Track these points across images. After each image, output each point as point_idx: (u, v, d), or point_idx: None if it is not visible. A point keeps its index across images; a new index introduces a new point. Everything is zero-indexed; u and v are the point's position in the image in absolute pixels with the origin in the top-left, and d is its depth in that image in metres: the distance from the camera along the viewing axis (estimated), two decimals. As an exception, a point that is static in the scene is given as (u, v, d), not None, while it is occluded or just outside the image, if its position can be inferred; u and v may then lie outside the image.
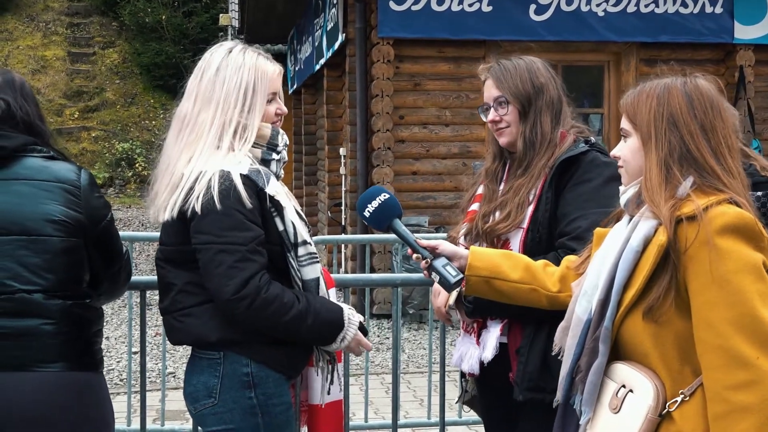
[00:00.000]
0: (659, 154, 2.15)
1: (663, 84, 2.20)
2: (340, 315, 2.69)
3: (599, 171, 2.81)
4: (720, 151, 2.13)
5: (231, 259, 2.52)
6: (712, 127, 2.13)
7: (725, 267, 2.00)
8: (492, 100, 2.96)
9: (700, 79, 2.21)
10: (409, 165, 9.91)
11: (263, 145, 2.70)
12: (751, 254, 2.02)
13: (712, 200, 2.07)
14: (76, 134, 21.24)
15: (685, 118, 2.14)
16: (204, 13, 22.84)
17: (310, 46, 13.20)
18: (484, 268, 2.56)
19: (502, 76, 2.95)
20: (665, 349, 2.09)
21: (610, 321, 2.14)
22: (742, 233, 2.03)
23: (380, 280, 3.92)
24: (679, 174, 2.12)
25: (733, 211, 2.05)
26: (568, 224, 2.75)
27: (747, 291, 1.99)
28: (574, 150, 2.85)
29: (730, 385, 1.96)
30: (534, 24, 9.72)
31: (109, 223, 2.74)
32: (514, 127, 2.93)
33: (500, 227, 2.84)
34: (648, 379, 2.08)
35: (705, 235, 2.02)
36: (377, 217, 2.64)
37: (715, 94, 2.18)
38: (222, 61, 2.70)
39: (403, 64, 9.82)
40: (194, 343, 2.68)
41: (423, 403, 6.30)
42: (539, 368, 2.74)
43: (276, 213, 2.62)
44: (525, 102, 2.91)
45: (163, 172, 2.69)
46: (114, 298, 3.00)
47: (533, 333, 2.78)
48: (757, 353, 1.96)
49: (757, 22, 10.06)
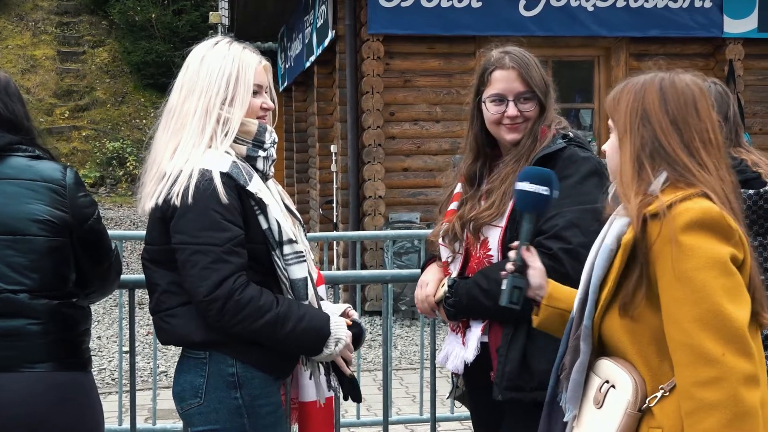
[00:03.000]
0: (632, 149, 2.15)
1: (642, 80, 2.20)
2: (326, 322, 2.64)
3: (576, 167, 2.77)
4: (693, 146, 2.12)
5: (205, 260, 2.49)
6: (684, 122, 2.13)
7: (688, 264, 2.00)
8: (513, 93, 2.84)
9: (682, 75, 2.20)
10: (400, 161, 9.91)
11: (248, 142, 2.67)
12: (717, 249, 2.01)
13: (679, 195, 2.06)
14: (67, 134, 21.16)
15: (657, 113, 2.14)
16: (194, 11, 22.76)
17: (300, 44, 13.18)
18: (562, 301, 2.46)
19: (527, 68, 2.85)
20: (643, 345, 2.10)
21: (589, 319, 2.16)
22: (708, 228, 2.02)
23: (370, 276, 3.91)
24: (651, 169, 2.12)
25: (698, 206, 2.03)
26: (545, 222, 2.70)
27: (711, 287, 1.98)
28: (551, 147, 2.81)
29: (696, 382, 1.96)
30: (524, 19, 9.72)
31: (96, 222, 2.73)
32: (529, 123, 2.85)
33: (484, 215, 2.80)
34: (628, 375, 2.08)
35: (668, 232, 2.02)
36: (522, 198, 2.47)
37: (693, 90, 2.17)
38: (207, 53, 2.70)
39: (393, 60, 9.81)
40: (180, 344, 2.67)
41: (416, 400, 6.30)
42: (518, 368, 2.72)
43: (259, 211, 2.59)
44: (544, 99, 2.86)
45: (150, 164, 2.69)
46: (104, 296, 2.98)
47: (512, 332, 2.76)
48: (723, 350, 1.95)
49: (746, 16, 10.08)
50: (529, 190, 2.44)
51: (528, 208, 2.46)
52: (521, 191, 2.46)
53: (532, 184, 2.44)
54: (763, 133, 10.32)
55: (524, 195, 2.45)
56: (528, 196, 2.45)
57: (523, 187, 2.45)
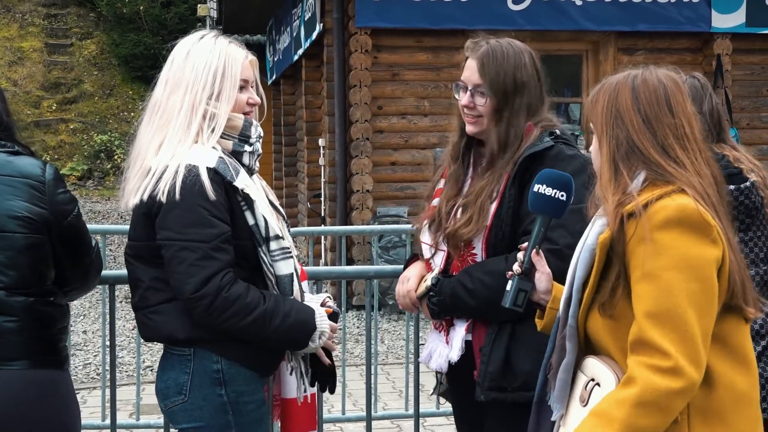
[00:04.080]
0: (608, 150, 2.15)
1: (615, 80, 2.20)
2: (312, 316, 2.64)
3: (562, 166, 2.70)
4: (667, 143, 2.11)
5: (192, 257, 2.47)
6: (657, 120, 2.12)
7: (658, 263, 1.99)
8: (471, 84, 2.83)
9: (655, 70, 2.19)
10: (388, 155, 9.88)
11: (234, 137, 2.65)
12: (693, 250, 2.00)
13: (656, 194, 2.05)
14: (54, 126, 21.05)
15: (629, 112, 2.14)
16: (182, 3, 22.65)
17: (288, 37, 13.14)
18: None
19: (487, 62, 2.81)
20: (624, 344, 2.08)
21: (574, 319, 2.16)
22: (686, 225, 2.01)
23: (353, 272, 3.89)
24: (627, 170, 2.11)
25: (675, 203, 2.02)
26: (532, 222, 2.65)
27: (676, 289, 1.98)
28: (538, 145, 2.77)
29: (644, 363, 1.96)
30: (512, 13, 9.70)
31: (76, 218, 2.69)
32: (486, 119, 2.82)
33: (463, 232, 2.77)
34: (611, 372, 2.08)
35: (642, 231, 2.01)
36: (540, 200, 2.37)
37: (666, 85, 2.16)
38: (192, 47, 2.68)
39: (381, 54, 9.78)
40: (164, 341, 2.65)
41: (402, 395, 6.29)
42: (501, 368, 2.71)
43: (246, 207, 2.58)
44: (502, 98, 2.80)
45: (134, 159, 2.66)
46: (84, 294, 2.96)
47: (496, 332, 2.75)
48: (675, 350, 1.95)
49: (734, 11, 10.08)
50: (547, 194, 2.35)
51: (544, 211, 2.37)
52: (538, 194, 2.36)
53: (551, 188, 2.35)
54: (751, 128, 10.33)
55: (541, 198, 2.37)
56: (544, 200, 2.36)
57: (542, 191, 2.36)
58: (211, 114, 2.60)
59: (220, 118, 2.61)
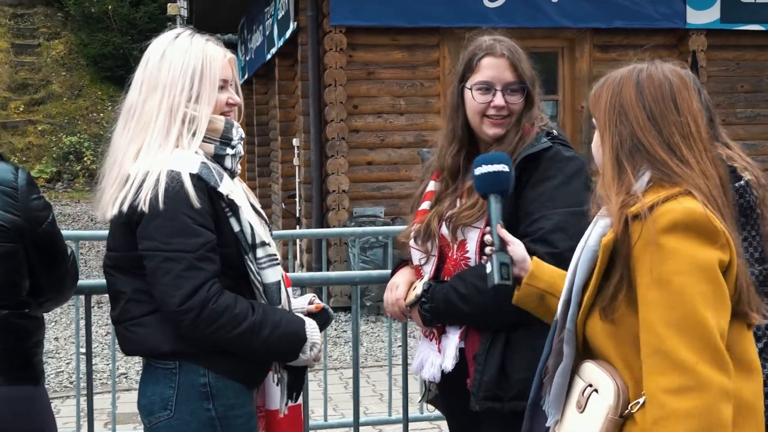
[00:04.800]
0: (611, 147, 2.08)
1: (620, 75, 2.12)
2: (302, 326, 2.54)
3: (561, 167, 2.66)
4: (673, 141, 2.04)
5: (178, 268, 2.36)
6: (662, 117, 2.05)
7: (667, 267, 1.92)
8: (503, 83, 2.69)
9: (660, 65, 2.12)
10: (364, 155, 9.79)
11: (216, 140, 2.54)
12: (700, 253, 1.93)
13: (661, 196, 1.98)
14: (22, 128, 20.78)
15: (634, 108, 2.06)
16: (152, 2, 22.48)
17: (260, 35, 13.01)
18: (543, 281, 2.41)
19: (518, 58, 2.70)
20: (625, 350, 2.03)
21: (572, 322, 2.10)
22: (692, 230, 1.94)
23: (337, 278, 3.80)
24: (631, 168, 2.04)
25: (681, 207, 1.95)
26: (531, 224, 2.60)
27: (689, 293, 1.91)
28: (536, 146, 2.68)
29: (666, 389, 1.89)
30: (488, 10, 9.64)
31: (51, 226, 2.57)
32: (514, 117, 2.71)
33: (465, 215, 2.67)
34: (611, 379, 2.02)
35: (649, 234, 1.94)
36: (484, 181, 2.46)
37: (672, 81, 2.08)
38: (168, 47, 2.56)
39: (356, 52, 9.68)
40: (148, 355, 2.53)
41: (383, 398, 6.20)
42: (496, 376, 2.62)
43: (231, 213, 2.47)
44: (532, 93, 2.72)
45: (110, 167, 2.53)
46: (59, 304, 2.83)
47: (490, 339, 2.66)
48: (696, 358, 1.88)
49: (709, 7, 10.10)
50: (490, 171, 2.45)
51: (494, 188, 2.45)
52: (482, 175, 2.46)
53: (490, 165, 2.46)
54: (726, 124, 10.31)
55: (486, 177, 2.46)
56: (488, 177, 2.45)
57: (483, 171, 2.46)
58: (191, 117, 2.49)
59: (201, 121, 2.50)
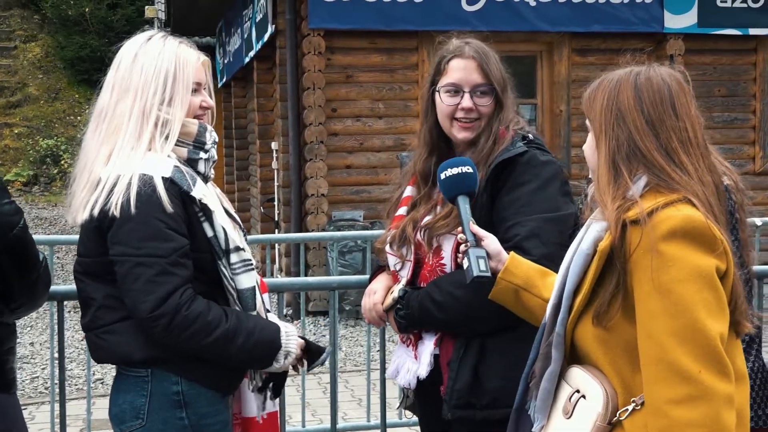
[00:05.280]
0: (607, 151, 2.05)
1: (616, 77, 2.09)
2: (277, 334, 2.50)
3: (536, 172, 2.63)
4: (671, 146, 2.01)
5: (150, 273, 2.32)
6: (660, 122, 2.02)
7: (668, 275, 1.90)
8: (470, 85, 2.67)
9: (658, 69, 2.10)
10: (343, 159, 9.75)
11: (189, 143, 2.50)
12: (700, 260, 1.91)
13: (660, 201, 1.95)
14: (-2, 131, 20.58)
15: (632, 112, 2.03)
16: (129, 5, 22.33)
17: (239, 39, 12.95)
18: (519, 277, 2.39)
19: (487, 60, 2.68)
20: (615, 356, 2.00)
21: (562, 326, 2.06)
22: (691, 237, 1.92)
23: (316, 283, 3.76)
24: (628, 172, 2.01)
25: (681, 214, 1.93)
26: (506, 231, 2.58)
27: (690, 301, 1.89)
28: (511, 150, 2.65)
29: (670, 400, 1.87)
30: (466, 14, 9.64)
31: (22, 231, 2.52)
32: (484, 120, 2.69)
33: (440, 225, 2.65)
34: (599, 385, 1.99)
35: (648, 241, 1.91)
36: (449, 185, 2.48)
37: (671, 85, 2.06)
38: (140, 49, 2.52)
39: (335, 55, 9.64)
40: (119, 362, 2.48)
41: (362, 403, 6.17)
42: (469, 384, 2.60)
43: (204, 218, 2.43)
44: (502, 95, 2.68)
45: (81, 171, 2.49)
46: (32, 310, 2.78)
47: (464, 346, 2.63)
48: (699, 367, 1.86)
49: (686, 11, 10.14)
50: (453, 173, 2.47)
51: (460, 189, 2.47)
52: (447, 178, 2.47)
53: (454, 168, 2.47)
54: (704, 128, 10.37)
55: (451, 180, 2.47)
56: (454, 180, 2.47)
57: (448, 174, 2.47)
58: (164, 120, 2.45)
59: (174, 124, 2.46)
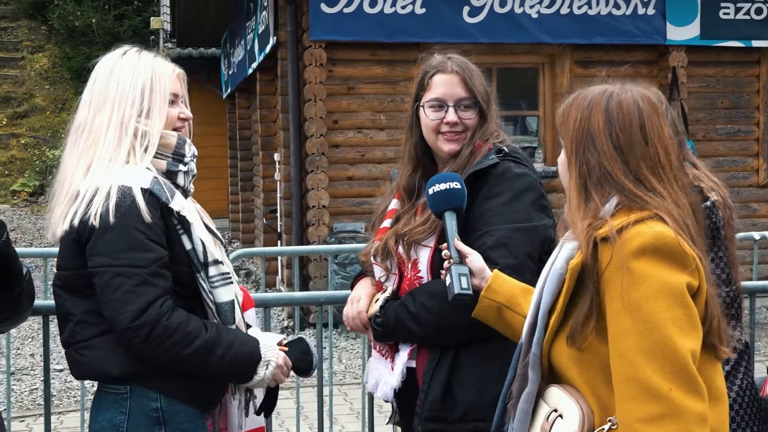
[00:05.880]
0: (578, 175, 2.04)
1: (589, 97, 2.07)
2: (256, 347, 2.50)
3: (509, 184, 2.63)
4: (641, 173, 2.00)
5: (129, 284, 2.31)
6: (629, 148, 2.00)
7: (638, 293, 1.89)
8: (454, 99, 2.70)
9: (631, 90, 2.07)
10: (344, 170, 9.74)
11: (168, 156, 2.51)
12: (670, 277, 1.90)
13: (631, 218, 1.94)
14: (5, 141, 20.65)
15: (601, 136, 2.02)
16: (136, 16, 22.43)
17: (242, 50, 12.97)
18: (501, 295, 2.40)
19: (470, 74, 2.71)
20: (591, 375, 1.99)
21: (538, 346, 2.06)
22: (662, 254, 1.91)
23: (303, 298, 3.74)
24: (598, 196, 2.01)
25: (651, 230, 1.92)
26: (474, 241, 2.58)
27: (660, 318, 1.87)
28: (483, 162, 2.66)
29: (641, 418, 1.86)
30: (468, 26, 9.63)
31: (5, 245, 2.51)
32: (469, 133, 2.71)
33: (417, 231, 2.66)
34: (575, 404, 1.98)
35: (619, 258, 1.90)
36: (437, 200, 2.50)
37: (642, 108, 2.04)
38: (115, 64, 2.53)
39: (336, 67, 9.64)
40: (97, 378, 2.47)
41: (360, 416, 6.14)
42: (441, 397, 2.59)
43: (183, 230, 2.43)
44: (485, 109, 2.72)
45: (60, 184, 2.49)
46: (16, 325, 2.78)
47: (437, 358, 2.62)
48: (670, 385, 1.85)
49: (689, 24, 10.11)
50: (442, 189, 2.48)
51: (447, 205, 2.49)
52: (435, 194, 2.49)
53: (442, 184, 2.49)
54: (707, 140, 10.36)
55: (439, 195, 2.49)
56: (441, 195, 2.49)
57: (436, 189, 2.49)
58: (143, 132, 2.46)
59: (153, 135, 2.47)
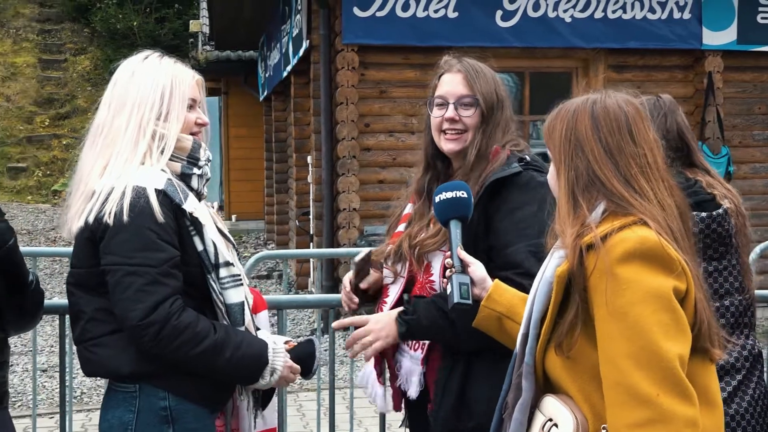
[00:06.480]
0: (566, 182, 2.05)
1: (574, 106, 2.10)
2: (264, 349, 2.52)
3: (534, 194, 2.61)
4: (630, 173, 2.02)
5: (140, 282, 2.36)
6: (618, 149, 2.03)
7: (623, 298, 1.89)
8: (455, 97, 2.72)
9: (615, 96, 2.10)
10: (375, 173, 9.76)
11: (183, 159, 2.55)
12: (655, 281, 1.90)
13: (616, 225, 1.95)
14: (47, 142, 20.98)
15: (590, 141, 2.04)
16: (176, 19, 22.66)
17: (278, 53, 13.07)
18: (501, 304, 2.40)
19: (474, 74, 2.73)
20: (584, 383, 2.00)
21: (531, 356, 2.06)
22: (646, 259, 1.91)
23: (316, 301, 3.77)
24: (586, 202, 2.02)
25: (635, 235, 1.93)
26: (513, 255, 2.55)
27: (646, 323, 1.88)
28: (506, 170, 2.65)
29: (629, 424, 1.86)
30: (500, 30, 9.59)
31: (12, 250, 2.57)
32: (470, 133, 2.71)
33: (429, 243, 2.66)
34: (569, 412, 1.99)
35: (604, 264, 1.91)
36: (443, 208, 2.50)
37: (628, 112, 2.06)
38: (137, 67, 2.59)
39: (368, 71, 9.67)
40: (107, 376, 2.52)
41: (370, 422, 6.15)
42: (455, 405, 2.58)
43: (195, 232, 2.47)
44: (489, 110, 2.71)
45: (77, 184, 2.55)
46: (26, 329, 2.81)
47: (451, 365, 2.62)
48: (657, 390, 1.85)
49: (725, 28, 9.99)
50: (448, 197, 2.48)
51: (453, 213, 2.48)
52: (441, 202, 2.48)
53: (449, 192, 2.49)
54: (743, 146, 10.22)
55: (445, 204, 2.48)
56: (448, 203, 2.48)
57: (443, 197, 2.48)
58: (160, 134, 2.51)
59: (170, 138, 2.52)
